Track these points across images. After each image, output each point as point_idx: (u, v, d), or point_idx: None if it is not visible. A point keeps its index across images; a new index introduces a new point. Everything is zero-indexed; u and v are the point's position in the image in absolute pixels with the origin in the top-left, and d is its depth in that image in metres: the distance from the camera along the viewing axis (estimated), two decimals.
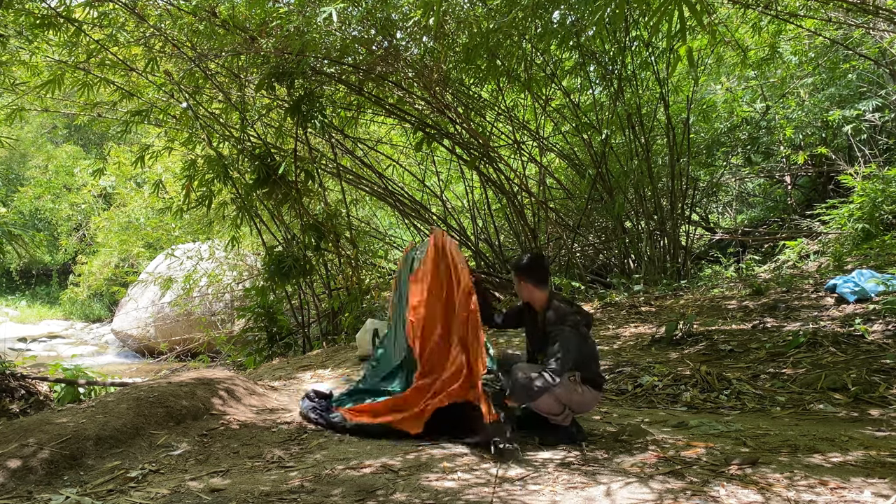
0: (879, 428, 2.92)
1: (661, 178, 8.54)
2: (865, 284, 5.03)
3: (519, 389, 2.83)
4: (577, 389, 2.91)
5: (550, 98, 8.39)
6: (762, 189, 11.73)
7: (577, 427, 2.99)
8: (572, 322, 2.94)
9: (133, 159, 7.68)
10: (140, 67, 6.47)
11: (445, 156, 9.75)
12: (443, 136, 7.71)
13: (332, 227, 6.94)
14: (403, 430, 3.22)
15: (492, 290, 8.44)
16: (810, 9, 6.92)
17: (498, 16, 5.74)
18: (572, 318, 2.96)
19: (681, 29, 2.68)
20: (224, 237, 9.01)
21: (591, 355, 3.07)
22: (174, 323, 10.90)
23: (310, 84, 6.42)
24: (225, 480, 2.63)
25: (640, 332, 5.45)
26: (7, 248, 4.76)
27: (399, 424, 3.25)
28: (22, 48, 6.38)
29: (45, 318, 17.93)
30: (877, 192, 6.97)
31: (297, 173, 6.66)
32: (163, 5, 6.08)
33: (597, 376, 3.07)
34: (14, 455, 2.72)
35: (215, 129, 6.92)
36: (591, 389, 3.00)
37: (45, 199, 16.95)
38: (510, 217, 9.50)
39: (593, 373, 3.04)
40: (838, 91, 8.42)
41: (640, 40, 7.22)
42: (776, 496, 2.09)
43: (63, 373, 4.98)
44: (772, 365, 4.03)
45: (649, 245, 8.23)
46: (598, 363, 3.14)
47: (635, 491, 2.23)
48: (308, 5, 5.52)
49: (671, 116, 7.88)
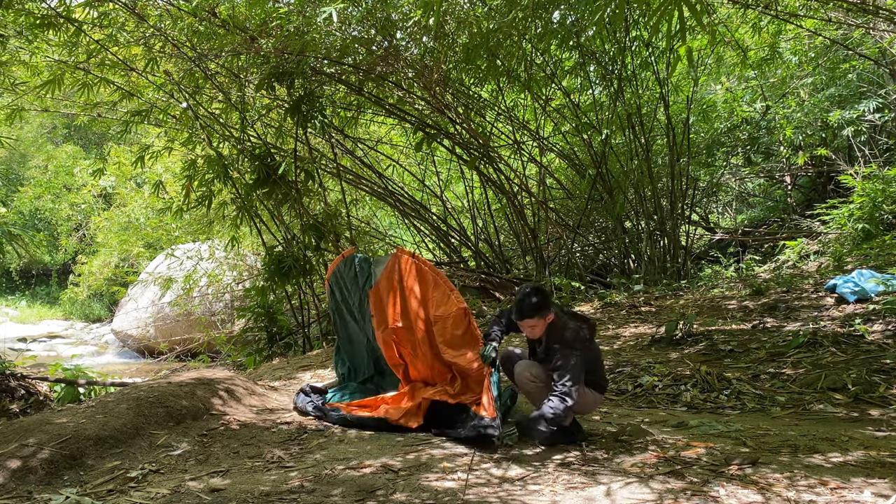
0: (879, 428, 2.92)
1: (661, 178, 8.54)
2: (865, 284, 5.03)
3: (535, 430, 2.85)
4: (581, 391, 2.92)
5: (550, 98, 8.39)
6: (762, 189, 11.73)
7: (577, 427, 2.99)
8: (581, 343, 2.93)
9: (133, 159, 7.68)
10: (140, 67, 6.47)
11: (445, 156, 9.75)
12: (443, 136, 7.70)
13: (332, 227, 6.94)
14: (402, 425, 3.25)
15: (491, 290, 8.45)
16: (810, 9, 6.92)
17: (498, 16, 5.74)
18: (582, 336, 2.95)
19: (680, 29, 2.68)
20: (224, 237, 9.01)
21: (596, 359, 3.07)
22: (174, 323, 10.89)
23: (310, 84, 6.42)
24: (225, 480, 2.63)
25: (640, 332, 5.45)
26: (7, 248, 4.76)
27: (397, 420, 3.27)
28: (22, 48, 6.37)
29: (45, 318, 17.93)
30: (877, 192, 6.96)
31: (297, 173, 6.66)
32: (163, 5, 6.08)
33: (601, 379, 3.08)
34: (14, 455, 2.72)
35: (215, 129, 6.91)
36: (594, 392, 3.01)
37: (45, 199, 16.96)
38: (510, 217, 9.50)
39: (597, 376, 3.05)
40: (838, 91, 8.42)
41: (640, 40, 7.22)
42: (776, 496, 2.09)
43: (63, 373, 4.98)
44: (772, 365, 4.03)
45: (649, 245, 8.23)
46: (602, 367, 3.15)
47: (635, 491, 2.23)
48: (308, 5, 5.52)
49: (671, 116, 7.88)
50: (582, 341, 2.93)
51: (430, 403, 3.30)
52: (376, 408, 3.48)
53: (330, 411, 3.53)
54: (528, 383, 3.00)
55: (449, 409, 3.25)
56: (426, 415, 3.29)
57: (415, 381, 3.55)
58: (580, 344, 2.92)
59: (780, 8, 6.27)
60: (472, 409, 3.10)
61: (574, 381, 2.81)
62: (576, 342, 2.91)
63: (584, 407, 3.02)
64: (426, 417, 3.28)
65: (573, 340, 2.91)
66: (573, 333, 2.94)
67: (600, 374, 3.09)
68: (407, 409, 3.30)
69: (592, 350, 3.04)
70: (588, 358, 2.95)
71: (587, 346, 2.96)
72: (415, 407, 3.31)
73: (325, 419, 3.51)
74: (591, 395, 2.99)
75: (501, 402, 3.15)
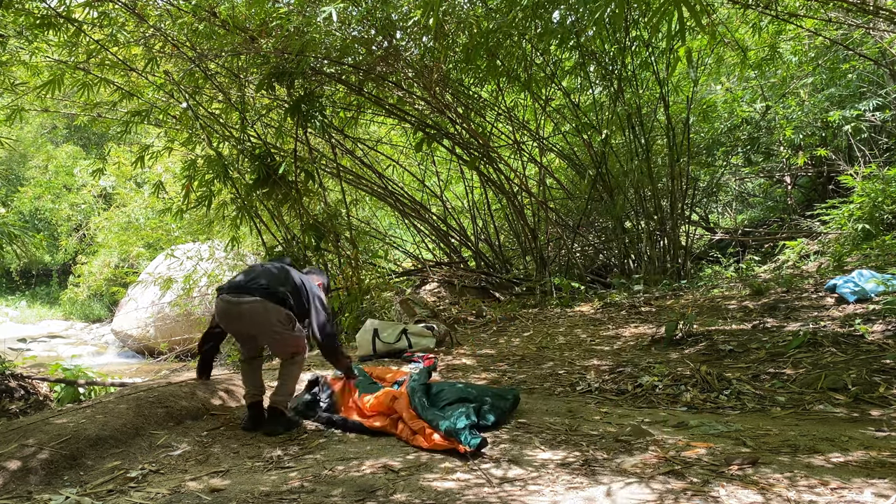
0: (880, 428, 2.92)
1: (661, 178, 8.54)
2: (865, 285, 5.03)
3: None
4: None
5: (550, 98, 8.39)
6: (762, 189, 11.73)
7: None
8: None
9: (133, 159, 7.68)
10: (140, 67, 6.46)
11: (445, 156, 9.75)
12: (443, 136, 7.71)
13: (332, 227, 6.94)
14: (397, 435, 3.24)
15: (491, 290, 8.45)
16: (810, 9, 6.92)
17: (498, 16, 5.74)
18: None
19: (680, 29, 2.68)
20: (224, 237, 9.01)
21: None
22: (174, 323, 10.89)
23: (310, 84, 6.42)
24: (225, 480, 2.63)
25: (640, 332, 5.45)
26: (7, 248, 4.76)
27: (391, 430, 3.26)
28: (22, 48, 6.38)
29: (45, 318, 17.93)
30: (877, 192, 6.96)
31: (297, 173, 6.66)
32: (163, 5, 6.08)
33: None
34: (14, 455, 2.72)
35: (215, 129, 6.91)
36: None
37: (45, 199, 16.96)
38: (510, 217, 9.50)
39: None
40: (838, 91, 8.42)
41: (640, 40, 7.22)
42: (777, 496, 2.09)
43: (63, 373, 4.98)
44: (772, 365, 4.03)
45: (649, 245, 8.23)
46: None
47: (636, 491, 2.23)
48: (308, 5, 5.52)
49: (671, 116, 7.88)
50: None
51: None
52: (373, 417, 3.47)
53: (333, 417, 3.51)
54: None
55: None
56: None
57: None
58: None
59: (780, 8, 6.27)
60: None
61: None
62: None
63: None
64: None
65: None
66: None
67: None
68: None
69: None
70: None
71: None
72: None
73: (327, 424, 3.50)
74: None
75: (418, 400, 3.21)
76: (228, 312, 3.33)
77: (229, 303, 3.31)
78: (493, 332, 6.33)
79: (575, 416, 3.38)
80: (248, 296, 3.27)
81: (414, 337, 5.40)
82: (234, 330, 3.47)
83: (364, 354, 5.30)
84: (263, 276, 3.39)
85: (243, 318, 3.30)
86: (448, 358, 5.17)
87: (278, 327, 3.30)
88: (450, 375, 4.64)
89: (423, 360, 4.89)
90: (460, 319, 7.07)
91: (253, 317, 3.28)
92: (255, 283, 3.34)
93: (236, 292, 3.31)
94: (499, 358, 5.12)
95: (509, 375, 4.57)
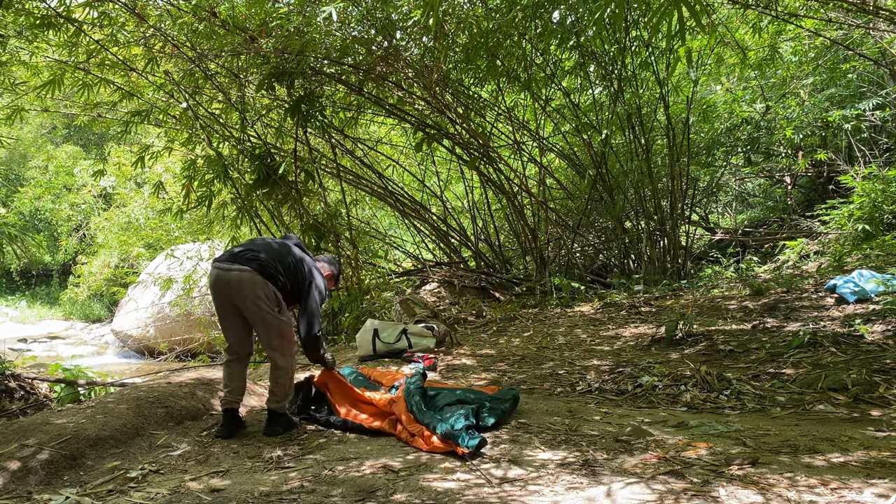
0: (880, 428, 2.92)
1: (661, 179, 8.54)
2: (865, 285, 5.03)
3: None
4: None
5: (550, 98, 8.39)
6: (762, 189, 11.73)
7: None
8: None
9: (133, 160, 7.67)
10: (140, 67, 6.46)
11: (445, 156, 9.75)
12: (443, 137, 7.71)
13: (332, 227, 6.94)
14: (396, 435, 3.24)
15: (491, 290, 8.45)
16: (810, 9, 6.92)
17: (498, 16, 5.74)
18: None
19: (680, 29, 2.68)
20: (224, 237, 9.00)
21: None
22: (174, 323, 10.89)
23: (310, 84, 6.42)
24: (225, 480, 2.63)
25: (640, 332, 5.45)
26: (7, 249, 4.75)
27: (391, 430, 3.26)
28: (22, 48, 6.38)
29: (45, 319, 17.94)
30: (877, 192, 6.96)
31: (297, 173, 6.66)
32: (163, 5, 6.08)
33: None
34: (14, 456, 2.72)
35: (215, 129, 6.91)
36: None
37: (45, 199, 16.97)
38: (510, 217, 9.50)
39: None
40: (838, 91, 8.42)
41: (640, 40, 7.22)
42: (777, 496, 2.09)
43: (63, 373, 4.97)
44: (772, 365, 4.03)
45: (649, 245, 8.23)
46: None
47: (636, 491, 2.23)
48: (308, 5, 5.52)
49: (671, 117, 7.88)
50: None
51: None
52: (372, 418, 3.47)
53: (332, 419, 3.50)
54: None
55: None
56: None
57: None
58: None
59: (780, 8, 6.27)
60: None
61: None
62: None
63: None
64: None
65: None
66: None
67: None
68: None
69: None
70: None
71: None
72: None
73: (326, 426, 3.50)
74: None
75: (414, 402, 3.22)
76: (218, 279, 3.27)
77: (220, 269, 3.26)
78: (493, 333, 6.33)
79: (575, 416, 3.38)
80: (239, 265, 3.22)
81: (414, 337, 5.41)
82: (221, 300, 3.34)
83: (364, 354, 5.30)
84: (261, 249, 3.33)
85: (231, 285, 3.22)
86: (448, 358, 5.17)
87: (262, 302, 3.21)
88: (450, 376, 4.64)
89: (423, 361, 4.89)
90: (460, 319, 7.07)
91: (240, 287, 3.20)
92: (251, 253, 3.28)
93: (229, 261, 3.27)
94: (499, 358, 5.12)
95: (509, 375, 4.57)
